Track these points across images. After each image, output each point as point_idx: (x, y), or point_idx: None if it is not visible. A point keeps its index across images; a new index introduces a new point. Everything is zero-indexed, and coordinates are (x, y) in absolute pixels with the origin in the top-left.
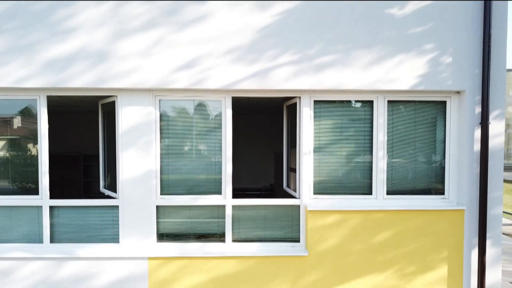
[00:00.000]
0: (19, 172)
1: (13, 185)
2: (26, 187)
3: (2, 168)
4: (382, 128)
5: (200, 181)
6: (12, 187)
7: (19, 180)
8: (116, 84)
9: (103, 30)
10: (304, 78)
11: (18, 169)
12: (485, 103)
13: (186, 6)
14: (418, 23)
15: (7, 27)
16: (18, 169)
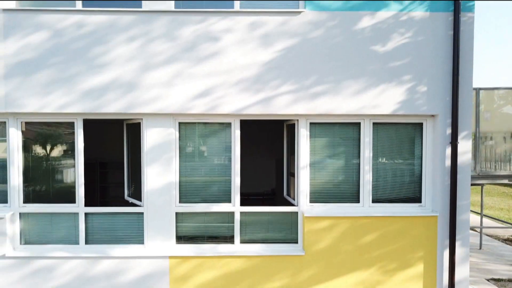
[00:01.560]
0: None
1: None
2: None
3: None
4: (368, 146)
5: (212, 191)
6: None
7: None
8: (142, 110)
9: (132, 64)
10: (301, 105)
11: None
12: (455, 125)
13: (202, 44)
14: (398, 58)
15: (52, 62)
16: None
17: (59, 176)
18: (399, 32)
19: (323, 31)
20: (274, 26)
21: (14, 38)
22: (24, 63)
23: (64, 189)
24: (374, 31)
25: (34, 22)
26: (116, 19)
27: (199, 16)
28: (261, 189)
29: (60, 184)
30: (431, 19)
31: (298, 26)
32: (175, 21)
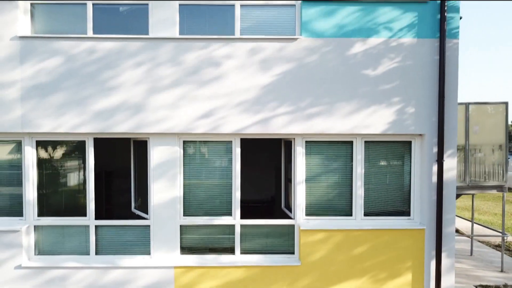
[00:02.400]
0: (71, 197)
1: (65, 208)
2: (76, 209)
3: (58, 193)
4: (360, 163)
5: (214, 205)
6: (64, 209)
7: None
8: (149, 130)
9: (139, 87)
10: (297, 125)
11: (70, 194)
12: (441, 144)
13: (205, 69)
14: (388, 81)
15: (65, 85)
16: (70, 194)
17: (71, 191)
18: (388, 57)
19: (318, 56)
20: (272, 51)
21: (30, 63)
22: (39, 86)
23: (75, 203)
24: (365, 56)
25: (49, 48)
26: (125, 45)
27: (202, 43)
28: (261, 196)
29: (72, 198)
30: (419, 45)
31: (295, 52)
32: (179, 47)
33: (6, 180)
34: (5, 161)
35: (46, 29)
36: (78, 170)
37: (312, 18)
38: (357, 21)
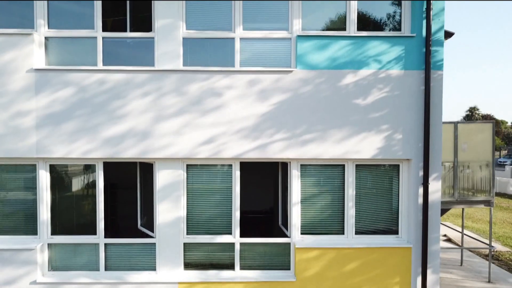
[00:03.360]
0: (82, 217)
1: (77, 227)
2: (86, 228)
3: (69, 213)
4: (352, 185)
5: (216, 225)
6: (76, 228)
7: (81, 222)
8: (155, 155)
9: (146, 116)
10: (293, 150)
11: (81, 214)
12: (426, 169)
13: (207, 98)
14: (377, 110)
15: (77, 114)
16: (81, 214)
17: (82, 211)
18: (378, 87)
19: (312, 87)
20: (269, 82)
21: (45, 93)
22: (53, 115)
23: (86, 222)
24: (356, 87)
25: (62, 80)
26: (132, 77)
27: (205, 74)
28: (261, 207)
29: (82, 217)
30: (406, 76)
31: (290, 83)
32: (183, 78)
33: (21, 201)
34: (21, 183)
35: (59, 61)
36: (88, 191)
37: (306, 52)
38: (348, 54)
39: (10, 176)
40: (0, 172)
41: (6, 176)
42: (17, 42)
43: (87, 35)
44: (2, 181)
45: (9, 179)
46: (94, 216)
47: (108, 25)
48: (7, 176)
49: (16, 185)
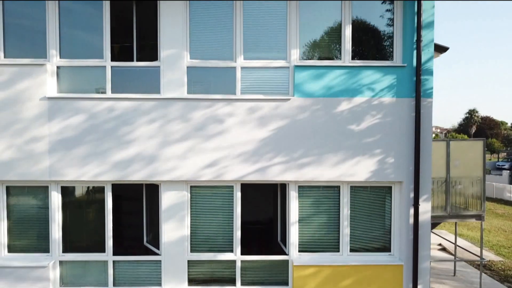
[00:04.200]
0: (91, 235)
1: (86, 245)
2: (96, 246)
3: (80, 232)
4: (347, 205)
5: (218, 243)
6: (86, 246)
7: (91, 240)
8: (161, 178)
9: (153, 141)
10: (291, 173)
11: (91, 233)
12: (416, 191)
13: (210, 125)
14: (370, 135)
15: (88, 139)
16: (91, 233)
17: (92, 229)
18: (371, 114)
19: (308, 113)
20: (268, 110)
21: (57, 120)
22: (65, 140)
23: (95, 240)
24: (350, 113)
25: (73, 107)
26: (140, 104)
27: (208, 102)
28: (261, 217)
29: (92, 235)
30: (397, 103)
31: (288, 110)
32: (187, 106)
33: (34, 220)
34: (34, 204)
35: (70, 88)
36: (97, 211)
37: (303, 81)
38: (343, 82)
39: (24, 197)
40: (15, 193)
41: (20, 197)
42: (31, 72)
43: (97, 65)
44: (16, 202)
45: (23, 200)
46: (103, 234)
47: (116, 51)
48: (21, 197)
49: (30, 205)
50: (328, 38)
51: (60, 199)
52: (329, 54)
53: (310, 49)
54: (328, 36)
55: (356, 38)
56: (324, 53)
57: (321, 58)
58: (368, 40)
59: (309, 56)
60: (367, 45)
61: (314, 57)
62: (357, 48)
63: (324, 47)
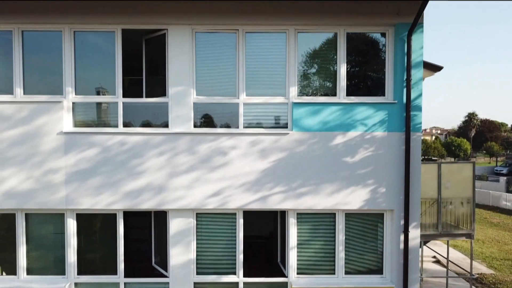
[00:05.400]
0: (104, 258)
1: (99, 267)
2: (108, 268)
3: (93, 256)
4: (342, 231)
5: (222, 266)
6: (99, 268)
7: (104, 263)
8: (169, 206)
9: (161, 172)
10: (290, 202)
11: (104, 256)
12: (406, 218)
13: (215, 157)
14: (363, 167)
15: (101, 171)
16: (104, 256)
17: (104, 253)
18: (364, 147)
19: (306, 146)
20: (269, 143)
21: (73, 153)
22: (80, 172)
23: (108, 263)
24: (345, 146)
25: (88, 141)
26: (150, 138)
27: (212, 136)
28: (261, 232)
29: (105, 259)
30: (388, 137)
31: (287, 143)
32: (194, 139)
33: (51, 245)
34: (51, 229)
35: (84, 122)
36: (110, 236)
37: (301, 116)
38: (338, 118)
39: (42, 223)
40: (33, 220)
41: (38, 223)
42: (49, 108)
43: (109, 100)
44: (34, 228)
45: (41, 226)
46: (115, 258)
47: (126, 84)
48: (39, 223)
49: (47, 231)
50: (324, 75)
51: (75, 225)
52: (325, 90)
53: (308, 86)
54: (324, 73)
55: (351, 75)
56: (321, 89)
57: (318, 93)
58: (361, 77)
59: (307, 92)
60: (361, 82)
61: (311, 92)
62: (351, 84)
63: (321, 84)
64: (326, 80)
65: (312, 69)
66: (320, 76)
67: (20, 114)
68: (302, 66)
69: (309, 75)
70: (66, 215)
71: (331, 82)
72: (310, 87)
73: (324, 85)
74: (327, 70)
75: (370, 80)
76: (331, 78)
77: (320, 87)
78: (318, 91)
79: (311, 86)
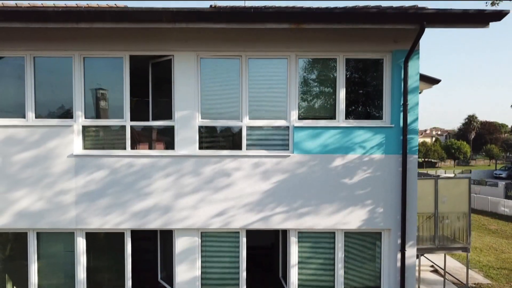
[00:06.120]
0: (113, 275)
1: (108, 284)
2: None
3: (102, 273)
4: (341, 249)
5: (226, 283)
6: (107, 285)
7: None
8: (175, 226)
9: (168, 193)
10: (291, 222)
11: (112, 273)
12: (403, 238)
13: (219, 178)
14: (362, 188)
15: (110, 192)
16: (112, 273)
17: (113, 270)
18: (362, 169)
19: (306, 168)
20: (271, 165)
21: (83, 175)
22: (89, 193)
23: (116, 280)
24: (344, 168)
25: (97, 164)
26: (156, 161)
27: (217, 158)
28: (263, 243)
29: (113, 276)
30: (386, 159)
31: (288, 165)
32: (199, 162)
33: (61, 262)
34: (61, 248)
35: (93, 145)
36: (118, 254)
37: (302, 139)
38: (337, 141)
39: (52, 242)
40: (44, 239)
41: (49, 242)
42: (59, 132)
43: (118, 124)
44: (45, 246)
45: (51, 244)
46: (123, 275)
47: (132, 104)
48: (49, 242)
49: (57, 249)
50: (324, 98)
51: (85, 243)
52: (325, 113)
53: (308, 109)
54: (324, 97)
55: (350, 99)
56: (321, 112)
57: (318, 116)
58: (360, 101)
59: (308, 115)
60: (359, 106)
61: (312, 115)
62: (350, 108)
63: (321, 107)
64: (325, 104)
65: (313, 93)
66: (320, 99)
67: (32, 138)
68: (303, 90)
69: (309, 99)
70: (76, 234)
71: (330, 105)
72: (311, 110)
73: (324, 108)
74: (326, 93)
75: (368, 104)
76: (331, 101)
77: (320, 110)
78: (318, 114)
79: (312, 109)
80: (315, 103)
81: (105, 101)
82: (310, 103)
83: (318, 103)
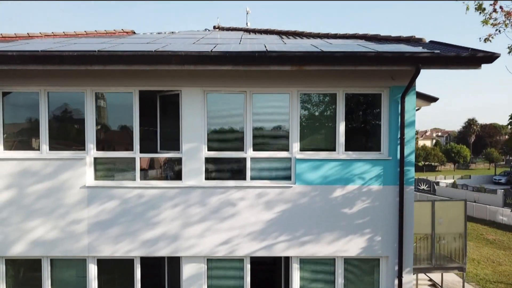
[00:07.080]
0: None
1: None
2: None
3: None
4: (341, 275)
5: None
6: None
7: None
8: (183, 254)
9: (176, 223)
10: (293, 249)
11: None
12: (400, 264)
13: (224, 208)
14: (360, 217)
15: (120, 221)
16: None
17: None
18: (361, 199)
19: (308, 198)
20: (274, 195)
21: (95, 205)
22: (101, 222)
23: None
24: (344, 199)
25: (108, 194)
26: (165, 192)
27: (222, 189)
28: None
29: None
30: (384, 190)
31: (290, 195)
32: (205, 192)
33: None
34: (73, 273)
35: (104, 175)
36: (127, 279)
37: (304, 171)
38: (337, 173)
39: (65, 268)
40: (57, 265)
41: (62, 268)
42: (72, 164)
43: (128, 156)
44: (58, 272)
45: (64, 271)
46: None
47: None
48: (62, 268)
49: (70, 275)
50: (324, 132)
51: (96, 270)
52: (326, 145)
53: (309, 141)
54: (324, 130)
55: (349, 132)
56: (322, 144)
57: (319, 148)
58: (359, 134)
59: (309, 146)
60: (359, 139)
61: (313, 147)
62: (350, 140)
63: (321, 139)
64: (326, 136)
65: (314, 126)
66: (320, 132)
67: (46, 170)
68: (304, 123)
69: (310, 131)
70: (88, 261)
71: (331, 137)
72: (312, 142)
73: (324, 140)
74: (327, 126)
75: (367, 137)
76: (331, 134)
77: (321, 141)
78: (319, 145)
79: (313, 141)
80: (316, 135)
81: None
82: (311, 135)
83: (319, 135)
